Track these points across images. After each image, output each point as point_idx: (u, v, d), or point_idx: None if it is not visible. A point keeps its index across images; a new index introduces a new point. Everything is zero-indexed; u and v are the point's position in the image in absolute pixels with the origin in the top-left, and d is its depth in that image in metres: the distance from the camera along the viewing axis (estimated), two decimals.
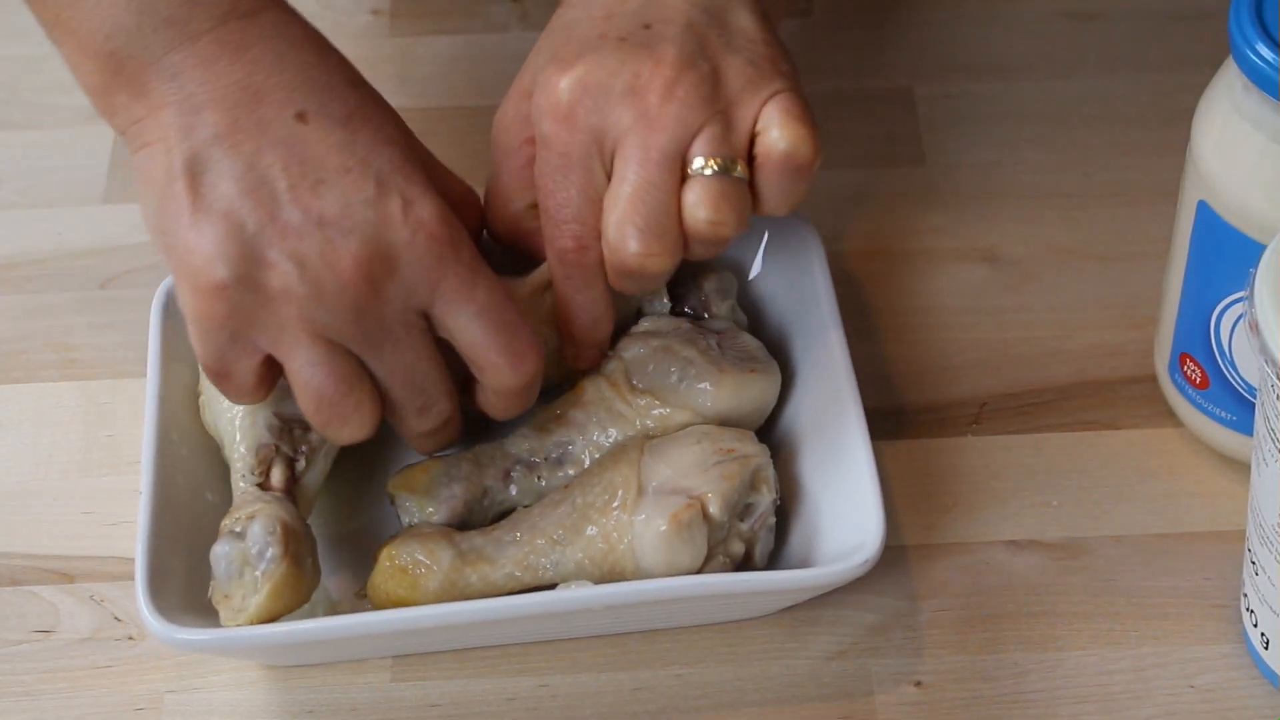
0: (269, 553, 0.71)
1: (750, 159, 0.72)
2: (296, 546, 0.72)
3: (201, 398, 0.78)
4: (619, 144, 0.72)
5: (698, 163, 0.71)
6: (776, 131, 0.71)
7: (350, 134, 0.70)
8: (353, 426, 0.71)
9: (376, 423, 0.72)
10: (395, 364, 0.71)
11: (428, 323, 0.71)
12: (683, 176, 0.72)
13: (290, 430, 0.76)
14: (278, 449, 0.75)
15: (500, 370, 0.72)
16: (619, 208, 0.72)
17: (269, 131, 0.69)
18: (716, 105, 0.71)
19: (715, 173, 0.71)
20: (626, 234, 0.72)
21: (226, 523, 0.73)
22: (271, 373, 0.71)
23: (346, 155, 0.69)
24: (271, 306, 0.69)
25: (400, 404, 0.72)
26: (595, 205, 0.73)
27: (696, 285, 0.81)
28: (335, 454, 0.77)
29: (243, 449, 0.75)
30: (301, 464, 0.76)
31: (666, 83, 0.71)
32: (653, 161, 0.71)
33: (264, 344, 0.70)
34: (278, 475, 0.75)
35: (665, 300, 0.81)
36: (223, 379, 0.71)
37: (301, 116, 0.69)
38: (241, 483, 0.74)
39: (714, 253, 0.74)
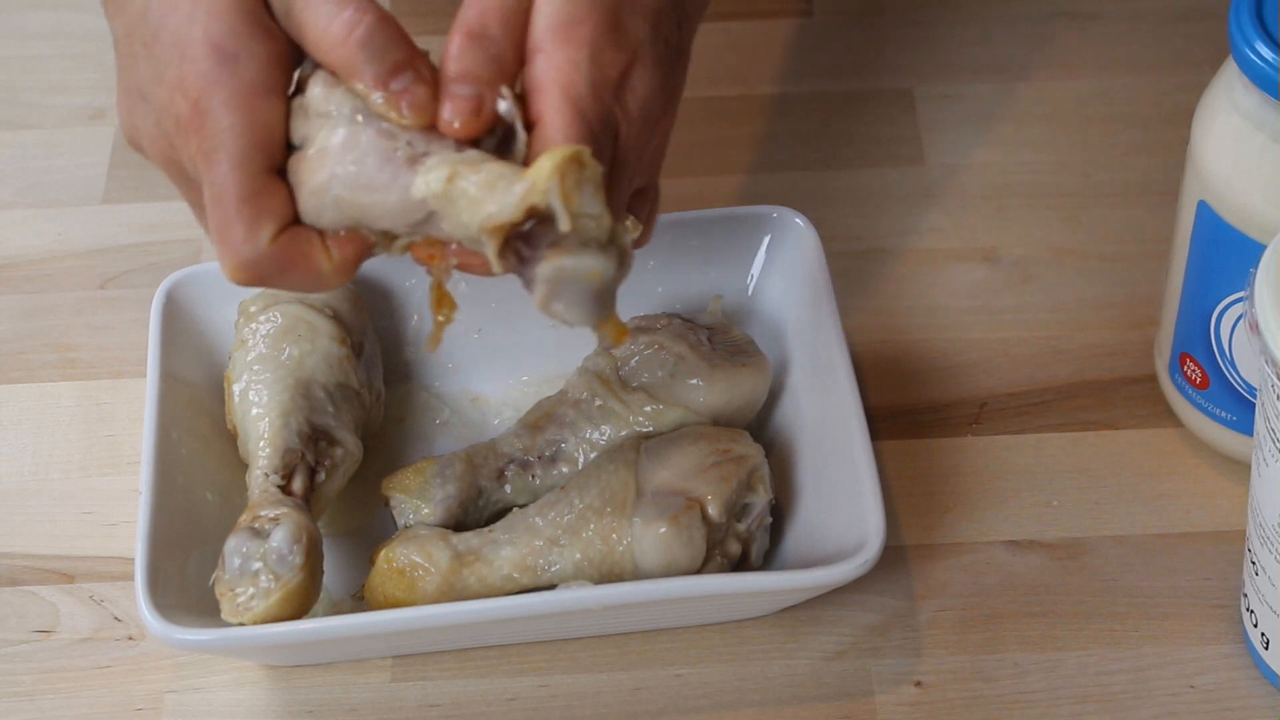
0: (291, 560, 0.71)
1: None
2: (316, 559, 0.72)
3: (228, 389, 0.78)
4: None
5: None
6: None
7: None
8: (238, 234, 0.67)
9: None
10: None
11: None
12: None
13: (317, 441, 0.76)
14: (303, 456, 0.75)
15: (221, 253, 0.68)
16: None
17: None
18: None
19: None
20: None
21: (245, 518, 0.72)
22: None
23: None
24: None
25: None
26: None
27: None
28: (353, 471, 0.77)
29: (269, 450, 0.75)
30: (322, 476, 0.76)
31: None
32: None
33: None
34: (299, 482, 0.75)
35: None
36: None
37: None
38: (263, 480, 0.74)
39: None
